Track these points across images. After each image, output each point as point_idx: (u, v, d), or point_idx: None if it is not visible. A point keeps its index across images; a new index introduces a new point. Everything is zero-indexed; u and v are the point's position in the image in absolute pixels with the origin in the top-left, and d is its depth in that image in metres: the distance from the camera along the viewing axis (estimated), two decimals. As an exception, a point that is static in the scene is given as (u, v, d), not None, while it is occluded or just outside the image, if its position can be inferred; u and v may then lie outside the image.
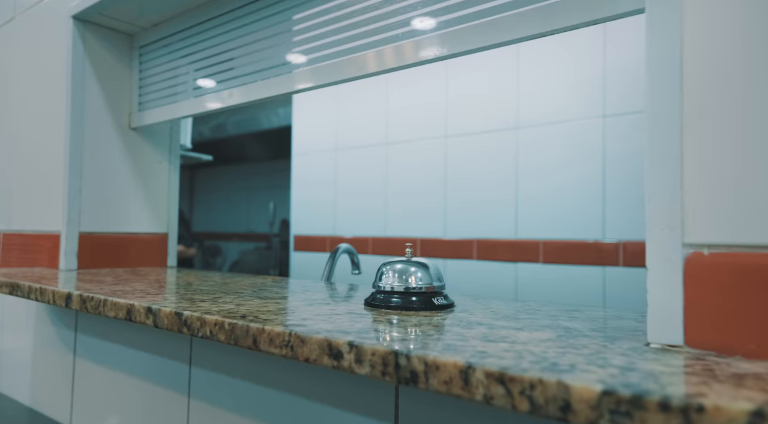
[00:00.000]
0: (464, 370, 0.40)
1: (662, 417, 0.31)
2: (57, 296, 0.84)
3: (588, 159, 2.05)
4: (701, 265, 0.45)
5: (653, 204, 0.47)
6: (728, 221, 0.44)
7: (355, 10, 0.89)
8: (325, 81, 0.93)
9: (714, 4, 0.46)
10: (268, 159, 4.43)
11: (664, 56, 0.48)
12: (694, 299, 0.45)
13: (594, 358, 0.42)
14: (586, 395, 0.34)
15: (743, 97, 0.44)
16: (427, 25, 0.79)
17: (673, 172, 0.46)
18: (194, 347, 0.90)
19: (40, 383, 1.27)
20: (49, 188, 1.30)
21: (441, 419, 0.59)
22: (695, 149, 0.45)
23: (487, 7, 0.72)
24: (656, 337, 0.47)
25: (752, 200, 0.43)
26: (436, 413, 0.59)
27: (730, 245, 0.44)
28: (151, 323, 0.67)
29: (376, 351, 0.45)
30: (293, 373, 0.74)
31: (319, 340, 0.49)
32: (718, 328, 0.44)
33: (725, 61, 0.45)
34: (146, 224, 1.36)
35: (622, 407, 0.33)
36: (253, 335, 0.55)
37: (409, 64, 0.81)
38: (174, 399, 0.92)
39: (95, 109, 1.26)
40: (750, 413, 0.30)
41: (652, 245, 0.47)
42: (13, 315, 1.38)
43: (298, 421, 0.73)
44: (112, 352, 1.06)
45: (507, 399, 0.37)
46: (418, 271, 0.65)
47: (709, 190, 0.45)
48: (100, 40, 1.27)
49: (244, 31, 1.09)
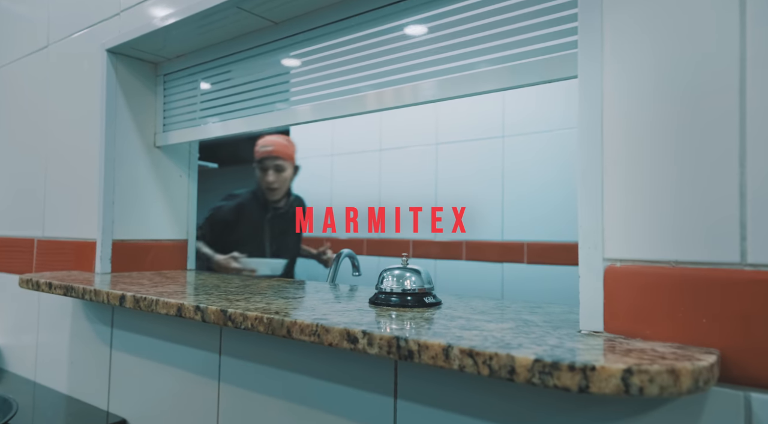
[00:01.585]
0: (445, 348, 0.57)
1: (569, 374, 0.49)
2: (111, 296, 1.01)
3: (567, 167, 2.24)
4: (615, 274, 0.63)
5: (583, 229, 0.65)
6: (633, 242, 0.62)
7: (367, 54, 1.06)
8: (330, 115, 1.10)
9: (623, 77, 0.63)
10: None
11: (590, 117, 0.65)
12: (611, 298, 0.63)
13: (536, 340, 0.60)
14: (524, 362, 0.52)
15: (644, 150, 0.61)
16: (422, 72, 0.96)
17: (596, 207, 0.64)
18: (224, 339, 1.07)
19: (77, 374, 1.43)
20: (82, 200, 1.46)
21: (427, 388, 0.77)
22: (610, 190, 0.63)
23: (472, 62, 0.90)
24: (585, 325, 0.65)
25: (646, 228, 0.61)
26: (424, 384, 0.77)
27: (635, 259, 0.62)
28: (200, 318, 0.84)
29: (383, 337, 0.62)
30: (308, 358, 0.91)
31: (339, 329, 0.66)
32: (626, 318, 0.62)
33: (631, 122, 0.62)
34: (168, 231, 1.53)
35: (546, 369, 0.51)
36: (287, 327, 0.72)
37: (406, 104, 0.98)
38: (205, 384, 1.10)
39: (125, 130, 1.43)
40: (623, 370, 0.48)
41: (583, 258, 0.65)
42: (49, 313, 1.54)
43: (311, 397, 0.90)
44: (147, 345, 1.23)
45: (474, 367, 0.55)
46: (412, 276, 0.82)
47: (620, 220, 0.63)
48: (129, 69, 1.44)
49: (254, 68, 1.26)
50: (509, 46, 0.85)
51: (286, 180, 2.31)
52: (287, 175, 2.30)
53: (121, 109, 1.42)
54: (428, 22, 0.96)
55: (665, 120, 0.60)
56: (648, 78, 0.61)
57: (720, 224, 0.56)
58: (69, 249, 1.51)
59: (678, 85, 0.59)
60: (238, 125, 1.29)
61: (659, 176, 0.60)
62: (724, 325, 0.55)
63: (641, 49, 0.62)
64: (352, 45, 1.08)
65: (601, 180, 0.64)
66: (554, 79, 0.79)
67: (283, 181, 2.29)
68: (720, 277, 0.55)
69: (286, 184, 2.32)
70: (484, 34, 0.88)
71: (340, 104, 1.08)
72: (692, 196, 0.58)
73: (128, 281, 1.21)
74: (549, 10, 0.81)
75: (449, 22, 0.93)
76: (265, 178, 2.25)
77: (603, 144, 0.64)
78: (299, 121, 1.17)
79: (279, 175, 2.26)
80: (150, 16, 1.30)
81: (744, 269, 0.54)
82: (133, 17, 1.34)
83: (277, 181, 2.26)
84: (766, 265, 0.53)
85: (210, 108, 1.38)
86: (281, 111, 1.20)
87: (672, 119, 0.59)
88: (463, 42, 0.91)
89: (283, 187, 2.30)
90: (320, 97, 1.13)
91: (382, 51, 1.03)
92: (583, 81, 0.67)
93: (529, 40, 0.83)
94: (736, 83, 0.56)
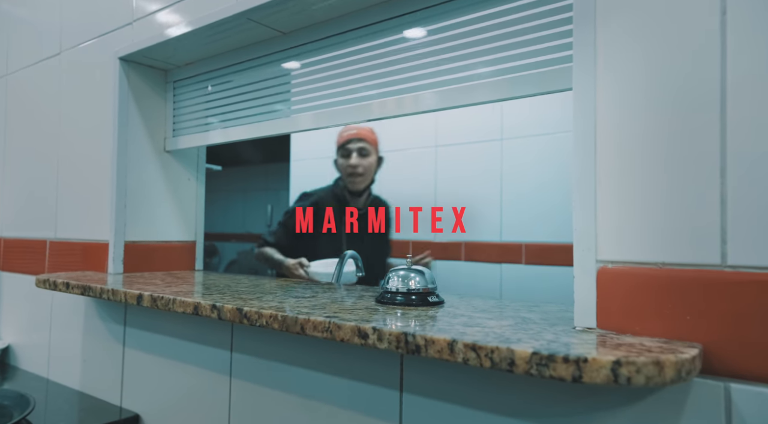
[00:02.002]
0: (450, 343, 0.62)
1: (564, 366, 0.54)
2: (129, 296, 1.06)
3: (564, 169, 2.29)
4: (607, 274, 0.68)
5: (577, 233, 0.70)
6: (624, 245, 0.66)
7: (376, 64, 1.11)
8: (334, 122, 1.15)
9: (615, 92, 0.68)
10: (264, 162, 4.58)
11: (584, 128, 0.70)
12: (603, 297, 0.68)
13: (534, 335, 0.64)
14: (523, 355, 0.57)
15: (634, 160, 0.66)
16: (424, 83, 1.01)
17: (590, 212, 0.69)
18: (235, 336, 1.12)
19: (90, 371, 1.48)
20: (93, 203, 1.51)
21: (431, 382, 0.81)
22: (603, 197, 0.68)
23: (471, 74, 0.95)
24: (579, 322, 0.69)
25: (636, 232, 0.65)
26: (428, 378, 0.82)
27: (625, 261, 0.67)
28: (216, 316, 0.89)
29: (392, 332, 0.67)
30: (316, 354, 0.96)
31: (351, 326, 0.71)
32: (617, 316, 0.66)
33: (622, 133, 0.67)
34: (177, 233, 1.57)
35: (543, 361, 0.55)
36: (300, 324, 0.77)
37: (408, 113, 1.03)
38: (217, 379, 1.14)
39: (136, 136, 1.47)
40: (612, 362, 0.53)
41: (577, 260, 0.70)
42: (62, 313, 1.59)
43: (319, 391, 0.95)
44: (160, 342, 1.28)
45: (477, 360, 0.60)
46: (416, 276, 0.87)
47: (612, 224, 0.67)
48: (141, 76, 1.48)
49: (261, 76, 1.31)
50: (507, 59, 0.90)
51: (371, 166, 2.05)
52: (372, 161, 2.05)
53: (132, 115, 1.46)
54: (429, 35, 1.01)
55: (654, 133, 0.65)
56: (638, 93, 0.66)
57: (703, 228, 0.61)
58: (80, 250, 1.56)
59: (665, 101, 0.64)
60: (245, 131, 1.34)
61: (648, 184, 0.65)
62: (706, 321, 0.60)
63: (632, 67, 0.67)
64: (356, 56, 1.13)
65: (594, 187, 0.69)
66: (550, 91, 0.84)
67: (368, 167, 2.03)
68: (703, 277, 0.60)
69: (370, 173, 2.05)
70: (483, 47, 0.93)
71: (344, 112, 1.13)
72: (678, 203, 0.63)
73: (142, 281, 1.26)
74: (545, 26, 0.86)
75: (450, 36, 0.98)
76: (349, 162, 2.00)
77: (596, 153, 0.69)
78: (303, 129, 1.22)
79: (363, 159, 2.01)
80: (162, 25, 1.34)
81: (724, 270, 0.59)
82: (146, 26, 1.39)
83: (361, 166, 2.00)
84: (744, 266, 0.58)
85: (218, 114, 1.42)
86: (286, 118, 1.25)
87: (660, 132, 0.64)
88: (463, 55, 0.96)
89: (367, 174, 2.04)
90: (325, 105, 1.18)
91: (384, 62, 1.07)
92: (578, 94, 0.72)
93: (526, 53, 0.88)
94: (717, 101, 0.61)
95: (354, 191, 2.06)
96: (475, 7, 0.95)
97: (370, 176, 2.06)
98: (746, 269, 0.58)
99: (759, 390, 0.57)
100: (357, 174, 2.01)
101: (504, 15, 0.91)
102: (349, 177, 2.03)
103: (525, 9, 0.89)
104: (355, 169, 2.01)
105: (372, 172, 2.07)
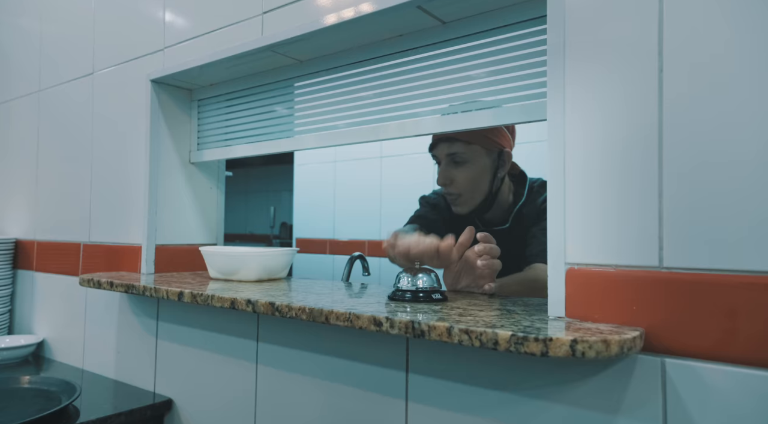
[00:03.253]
0: (448, 328, 0.79)
1: (535, 344, 0.71)
2: (170, 293, 1.23)
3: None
4: (574, 274, 0.84)
5: (551, 241, 0.87)
6: (587, 251, 0.83)
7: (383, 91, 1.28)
8: (343, 141, 1.32)
9: (579, 127, 0.85)
10: (266, 164, 4.72)
11: (556, 154, 0.87)
12: (570, 292, 0.85)
13: (514, 322, 0.81)
14: (504, 336, 0.74)
15: (593, 183, 0.83)
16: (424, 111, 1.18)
17: (561, 225, 0.86)
18: (260, 328, 1.28)
19: (124, 361, 1.65)
20: (126, 210, 1.67)
21: (432, 364, 0.98)
22: (571, 210, 0.85)
23: (467, 103, 1.11)
24: (552, 312, 0.86)
25: (596, 241, 0.82)
26: (430, 361, 0.99)
27: (588, 263, 0.83)
28: (251, 310, 1.06)
29: (402, 321, 0.84)
30: (333, 342, 1.13)
31: (368, 316, 0.88)
32: (581, 307, 0.83)
33: (586, 160, 0.84)
34: (201, 236, 1.74)
35: (519, 341, 0.72)
36: (325, 315, 0.94)
37: (409, 135, 1.20)
38: (244, 366, 1.31)
39: (165, 149, 1.64)
40: (570, 340, 0.70)
41: (551, 262, 0.87)
42: (96, 310, 1.75)
43: (334, 374, 1.12)
44: (190, 335, 1.44)
45: (469, 341, 0.77)
46: (424, 276, 1.04)
47: (578, 235, 0.84)
48: (169, 95, 1.65)
49: (277, 98, 1.48)
50: (496, 93, 1.07)
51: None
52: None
53: (162, 131, 1.63)
54: (430, 69, 1.18)
55: (608, 160, 0.82)
56: (597, 129, 0.83)
57: (645, 238, 0.78)
58: (112, 253, 1.72)
59: (617, 137, 0.81)
60: (262, 147, 1.50)
61: (605, 203, 0.82)
62: (647, 310, 0.77)
63: (591, 106, 0.84)
64: (365, 84, 1.29)
65: (564, 203, 0.86)
66: (530, 120, 1.01)
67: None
68: (645, 276, 0.77)
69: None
70: (476, 81, 1.10)
71: (354, 133, 1.30)
72: (627, 218, 0.80)
73: (175, 280, 1.42)
74: (526, 66, 1.03)
75: (447, 70, 1.15)
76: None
77: (565, 175, 0.86)
78: (304, 147, 1.40)
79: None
80: (192, 53, 1.51)
81: (661, 271, 0.76)
82: (176, 53, 1.55)
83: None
84: (676, 268, 0.75)
85: (237, 131, 1.59)
86: (298, 136, 1.42)
87: (613, 160, 0.81)
88: (460, 87, 1.12)
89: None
90: (336, 126, 1.34)
91: (392, 90, 1.24)
92: (551, 124, 0.88)
93: (511, 88, 1.05)
94: (656, 139, 0.78)
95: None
96: (469, 47, 1.12)
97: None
98: (677, 269, 0.75)
99: (686, 363, 0.74)
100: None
101: (493, 54, 1.08)
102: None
103: (509, 51, 1.06)
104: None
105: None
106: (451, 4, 1.06)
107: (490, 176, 1.41)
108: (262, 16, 1.35)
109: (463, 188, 1.41)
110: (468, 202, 1.43)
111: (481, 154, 1.40)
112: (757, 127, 0.71)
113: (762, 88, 0.70)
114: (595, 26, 0.84)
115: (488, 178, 1.42)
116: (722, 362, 0.72)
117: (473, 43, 1.11)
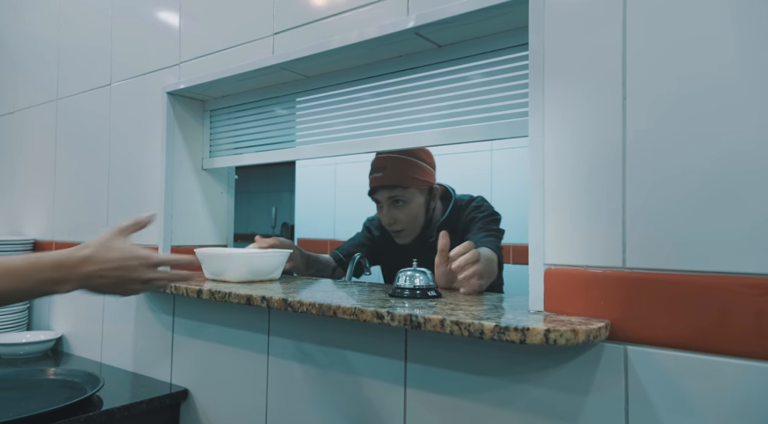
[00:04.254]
0: (441, 320, 0.91)
1: (515, 332, 0.83)
2: (190, 291, 1.34)
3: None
4: (551, 273, 0.97)
5: (531, 244, 0.99)
6: (562, 253, 0.96)
7: (383, 106, 1.40)
8: (348, 151, 1.44)
9: (555, 143, 0.97)
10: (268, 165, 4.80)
11: (536, 166, 0.99)
12: (548, 289, 0.97)
13: (499, 316, 0.94)
14: (489, 327, 0.86)
15: (567, 193, 0.95)
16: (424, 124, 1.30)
17: (540, 229, 0.98)
18: (271, 323, 1.40)
19: (141, 354, 1.76)
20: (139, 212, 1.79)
21: (429, 353, 1.10)
22: (549, 219, 0.97)
23: (460, 119, 1.24)
24: (532, 307, 0.99)
25: (570, 244, 0.95)
26: (427, 351, 1.11)
27: (563, 264, 0.96)
28: (265, 306, 1.18)
29: (401, 314, 0.96)
30: (339, 334, 1.25)
31: (371, 310, 1.00)
32: (557, 302, 0.96)
33: (561, 172, 0.96)
34: (212, 238, 1.86)
35: (502, 331, 0.84)
36: (333, 310, 1.06)
37: (410, 146, 1.32)
38: (256, 358, 1.43)
39: (179, 157, 1.76)
40: (544, 330, 0.82)
41: (531, 263, 0.99)
42: (113, 307, 1.87)
43: (339, 364, 1.24)
44: (205, 329, 1.56)
45: (459, 332, 0.89)
46: (420, 276, 1.16)
47: (555, 239, 0.97)
48: (183, 106, 1.77)
49: (284, 109, 1.60)
50: (487, 110, 1.19)
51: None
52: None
53: (177, 139, 1.75)
54: (426, 87, 1.30)
55: (579, 173, 0.94)
56: (569, 144, 0.96)
57: (611, 242, 0.90)
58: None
59: (586, 152, 0.93)
60: (269, 156, 1.63)
61: (576, 210, 0.94)
62: (612, 305, 0.89)
63: (564, 125, 0.96)
64: (367, 99, 1.41)
65: (543, 210, 0.98)
66: (516, 136, 1.13)
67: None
68: (611, 275, 0.90)
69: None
70: (468, 99, 1.22)
71: (355, 144, 1.42)
72: (595, 225, 0.92)
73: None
74: (513, 87, 1.15)
75: (442, 89, 1.27)
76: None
77: (544, 184, 0.98)
78: (306, 157, 1.52)
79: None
80: (206, 68, 1.63)
81: (624, 271, 0.89)
82: (191, 67, 1.67)
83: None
84: (637, 268, 0.87)
85: (247, 140, 1.71)
86: (304, 146, 1.54)
87: (583, 173, 0.94)
88: (453, 104, 1.25)
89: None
90: (339, 138, 1.46)
91: (391, 106, 1.36)
92: (531, 142, 1.00)
93: (500, 107, 1.17)
94: (620, 155, 0.90)
95: None
96: (462, 68, 1.24)
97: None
98: (638, 269, 0.87)
99: (645, 350, 0.86)
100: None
101: (484, 76, 1.20)
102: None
103: (497, 73, 1.18)
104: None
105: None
106: (445, 30, 1.18)
107: (425, 209, 1.73)
108: (273, 36, 1.46)
109: (405, 225, 1.71)
110: (410, 234, 1.73)
111: (416, 194, 1.70)
112: (708, 149, 0.83)
113: (708, 119, 0.83)
114: (569, 56, 0.96)
115: (423, 210, 1.73)
116: (674, 348, 0.84)
117: (466, 64, 1.23)
